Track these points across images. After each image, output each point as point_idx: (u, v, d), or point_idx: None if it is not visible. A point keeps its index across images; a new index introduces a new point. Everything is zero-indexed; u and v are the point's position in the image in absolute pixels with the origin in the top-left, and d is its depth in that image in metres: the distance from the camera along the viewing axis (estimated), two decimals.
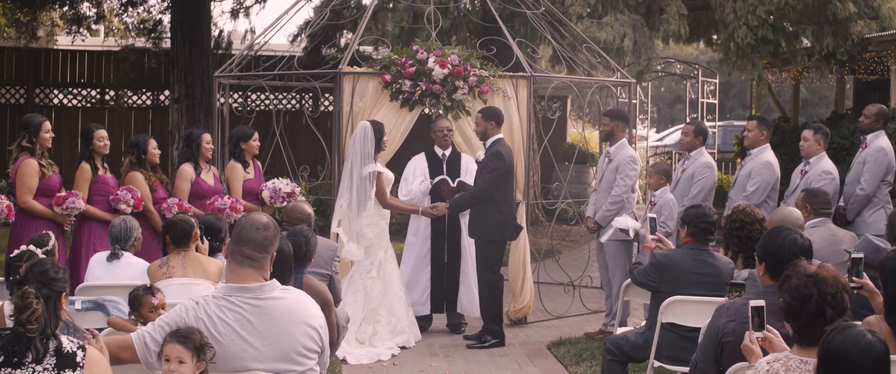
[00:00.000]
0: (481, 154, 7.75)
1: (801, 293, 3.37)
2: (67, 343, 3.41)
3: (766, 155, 7.79)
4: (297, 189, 7.80)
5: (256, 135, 7.87)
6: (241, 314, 3.57)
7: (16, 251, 5.22)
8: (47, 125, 7.07)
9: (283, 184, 7.73)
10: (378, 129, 7.55)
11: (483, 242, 7.70)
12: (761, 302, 3.77)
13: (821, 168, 7.61)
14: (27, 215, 6.94)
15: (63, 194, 6.97)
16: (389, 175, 7.69)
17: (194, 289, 5.23)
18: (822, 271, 3.40)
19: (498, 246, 7.79)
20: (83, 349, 3.43)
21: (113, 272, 5.75)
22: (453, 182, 8.05)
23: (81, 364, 3.40)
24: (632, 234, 7.55)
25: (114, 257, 5.84)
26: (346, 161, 7.61)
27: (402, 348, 7.49)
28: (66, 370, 3.36)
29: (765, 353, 3.73)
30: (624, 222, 7.57)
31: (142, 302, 4.87)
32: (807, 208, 6.28)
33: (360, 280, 7.54)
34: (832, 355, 2.95)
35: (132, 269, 5.77)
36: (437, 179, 8.04)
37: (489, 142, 7.67)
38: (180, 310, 3.63)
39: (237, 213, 7.37)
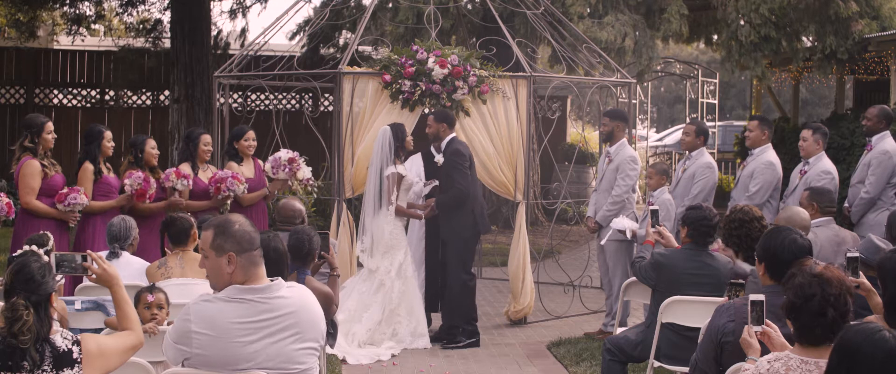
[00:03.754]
0: (440, 158, 7.76)
1: (805, 292, 3.37)
2: (61, 341, 3.40)
3: (768, 155, 7.78)
4: (300, 158, 7.77)
5: (251, 134, 7.86)
6: (245, 313, 3.57)
7: (19, 251, 5.23)
8: (50, 126, 7.07)
9: (283, 153, 7.73)
10: (398, 131, 7.57)
11: (457, 240, 7.70)
12: (761, 296, 3.77)
13: (820, 168, 7.60)
14: (30, 216, 6.94)
15: (65, 191, 6.97)
16: (409, 179, 7.70)
17: (193, 289, 5.23)
18: (827, 272, 3.40)
19: (471, 244, 7.82)
20: (78, 343, 3.42)
21: None
22: None
23: (79, 360, 3.39)
24: (628, 235, 7.54)
25: (113, 255, 5.84)
26: (369, 168, 7.64)
27: (422, 349, 7.51)
28: (65, 369, 3.36)
29: (763, 347, 3.73)
30: (621, 223, 7.56)
31: (139, 299, 4.89)
32: (813, 207, 6.26)
33: (378, 280, 7.53)
34: (846, 345, 2.95)
35: (130, 268, 5.77)
36: (432, 186, 8.02)
37: (444, 143, 7.69)
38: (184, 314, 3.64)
39: (240, 183, 7.39)
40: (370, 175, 7.61)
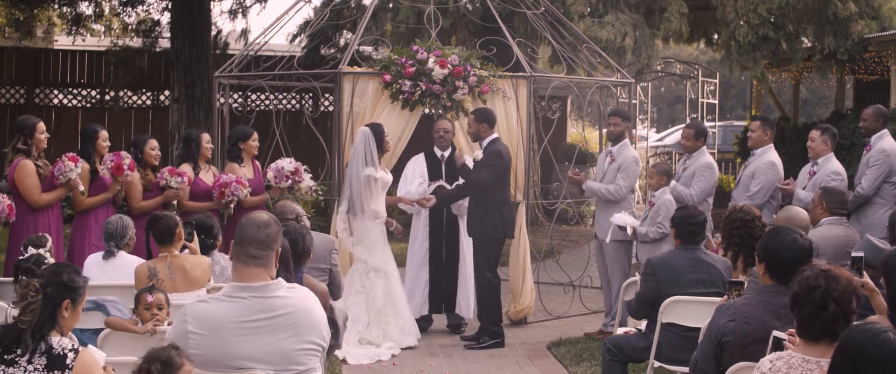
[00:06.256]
0: (479, 154, 7.75)
1: (809, 284, 3.38)
2: (58, 345, 3.42)
3: (769, 155, 7.78)
4: (303, 167, 7.76)
5: (255, 135, 7.86)
6: (240, 311, 3.57)
7: (31, 253, 5.28)
8: (42, 126, 7.05)
9: (286, 162, 7.72)
10: (377, 131, 7.53)
11: (483, 241, 7.68)
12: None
13: (830, 169, 7.59)
14: (36, 213, 6.93)
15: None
16: (387, 178, 7.68)
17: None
18: (835, 269, 3.42)
19: (498, 245, 7.78)
20: (76, 351, 3.42)
21: (109, 273, 5.74)
22: (451, 185, 8.04)
23: (70, 366, 3.39)
24: (629, 231, 7.54)
25: (109, 254, 5.82)
26: (348, 167, 7.61)
27: (409, 348, 7.48)
28: (55, 372, 3.37)
29: (768, 350, 3.73)
30: (622, 218, 7.57)
31: (139, 299, 4.89)
32: (822, 206, 6.25)
33: (359, 281, 7.53)
34: (850, 345, 2.95)
35: (128, 267, 5.74)
36: (435, 186, 8.02)
37: (485, 142, 7.67)
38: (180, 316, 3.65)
39: (243, 187, 7.40)
40: (349, 176, 7.56)
